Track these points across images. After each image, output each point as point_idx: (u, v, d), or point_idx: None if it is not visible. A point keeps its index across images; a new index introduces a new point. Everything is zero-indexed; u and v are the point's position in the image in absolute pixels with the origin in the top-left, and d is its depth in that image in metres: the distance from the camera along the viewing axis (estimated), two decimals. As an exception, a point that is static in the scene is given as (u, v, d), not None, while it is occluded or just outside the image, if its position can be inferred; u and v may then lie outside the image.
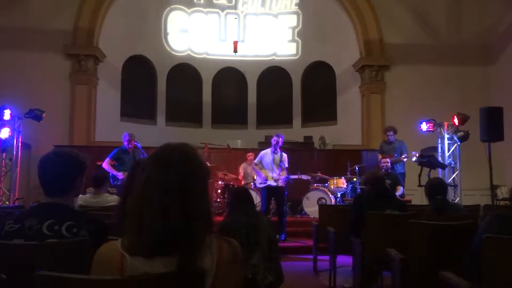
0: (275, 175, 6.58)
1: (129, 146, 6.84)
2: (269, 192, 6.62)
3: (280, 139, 6.62)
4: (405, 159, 7.63)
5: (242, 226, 2.74)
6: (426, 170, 7.39)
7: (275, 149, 6.62)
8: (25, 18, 9.86)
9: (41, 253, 1.70)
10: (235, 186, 8.16)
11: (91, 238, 1.72)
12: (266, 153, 6.74)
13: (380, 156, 7.87)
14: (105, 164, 6.63)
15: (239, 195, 3.14)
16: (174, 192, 1.25)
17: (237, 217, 2.89)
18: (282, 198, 6.63)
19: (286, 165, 6.65)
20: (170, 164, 1.28)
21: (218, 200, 8.39)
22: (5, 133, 7.42)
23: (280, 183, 6.58)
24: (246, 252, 2.57)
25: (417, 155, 7.48)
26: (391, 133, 7.93)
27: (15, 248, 1.72)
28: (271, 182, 6.57)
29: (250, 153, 8.59)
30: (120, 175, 6.52)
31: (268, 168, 6.63)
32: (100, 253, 1.28)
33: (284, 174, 6.60)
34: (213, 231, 1.32)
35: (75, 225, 1.78)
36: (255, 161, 6.87)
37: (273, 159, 6.62)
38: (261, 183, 6.67)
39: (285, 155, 6.72)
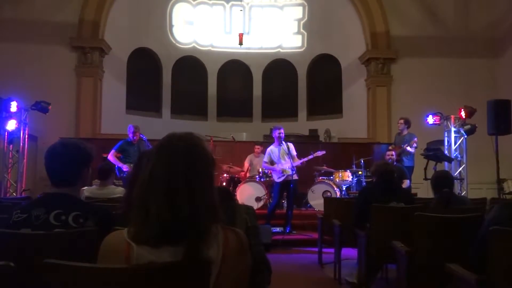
0: (288, 165, 6.59)
1: (134, 138, 6.85)
2: (282, 186, 6.67)
3: (282, 130, 6.71)
4: (408, 148, 7.46)
5: None
6: (432, 163, 7.36)
7: (279, 143, 6.65)
8: (31, 11, 9.87)
9: (48, 243, 1.71)
10: (240, 179, 8.16)
11: (98, 228, 1.73)
12: (273, 150, 6.78)
13: (390, 148, 7.81)
14: (111, 156, 6.64)
15: (220, 193, 3.17)
16: (180, 181, 1.24)
17: None
18: (293, 191, 6.66)
19: (295, 153, 6.71)
20: (175, 153, 1.28)
21: (223, 192, 8.37)
22: (11, 125, 7.47)
23: (292, 173, 6.56)
24: None
25: (416, 140, 7.38)
26: (402, 121, 7.81)
27: (23, 237, 1.74)
28: (289, 175, 6.57)
29: (258, 146, 8.56)
30: (126, 167, 6.55)
31: (279, 162, 6.65)
32: (106, 242, 1.28)
33: (297, 161, 6.67)
34: (219, 221, 1.31)
35: (81, 215, 1.79)
36: (265, 159, 6.89)
37: (281, 152, 6.66)
38: (279, 178, 6.69)
39: (290, 145, 6.79)
